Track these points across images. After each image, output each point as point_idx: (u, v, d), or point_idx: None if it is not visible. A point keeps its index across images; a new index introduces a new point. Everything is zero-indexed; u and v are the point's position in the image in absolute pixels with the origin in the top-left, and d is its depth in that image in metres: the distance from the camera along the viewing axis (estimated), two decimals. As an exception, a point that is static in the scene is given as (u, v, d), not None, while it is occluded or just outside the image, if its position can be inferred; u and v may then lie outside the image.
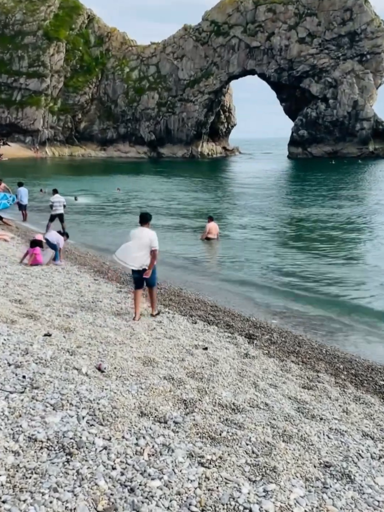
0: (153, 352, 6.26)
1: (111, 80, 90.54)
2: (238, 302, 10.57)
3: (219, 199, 30.27)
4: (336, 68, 75.19)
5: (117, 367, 5.35)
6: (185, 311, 9.06)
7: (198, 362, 6.08)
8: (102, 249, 16.19)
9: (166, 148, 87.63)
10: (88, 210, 25.09)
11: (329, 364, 7.06)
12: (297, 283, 12.06)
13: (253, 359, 6.67)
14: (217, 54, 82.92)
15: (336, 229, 19.55)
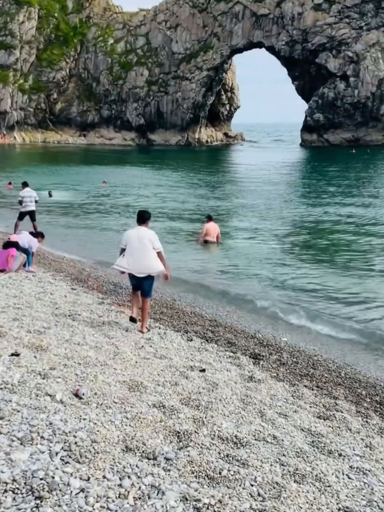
0: (141, 375, 6.25)
1: (92, 53, 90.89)
2: (242, 316, 10.57)
3: (219, 196, 30.37)
4: (359, 40, 75.69)
5: (98, 393, 5.33)
6: (179, 326, 9.07)
7: (194, 387, 6.07)
8: (81, 253, 16.19)
9: (157, 134, 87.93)
10: (65, 209, 25.09)
11: (349, 390, 7.06)
12: (310, 296, 12.09)
13: (259, 383, 6.67)
14: (217, 24, 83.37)
15: (357, 234, 19.64)
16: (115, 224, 21.06)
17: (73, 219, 22.22)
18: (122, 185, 34.07)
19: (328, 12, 76.82)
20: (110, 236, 18.65)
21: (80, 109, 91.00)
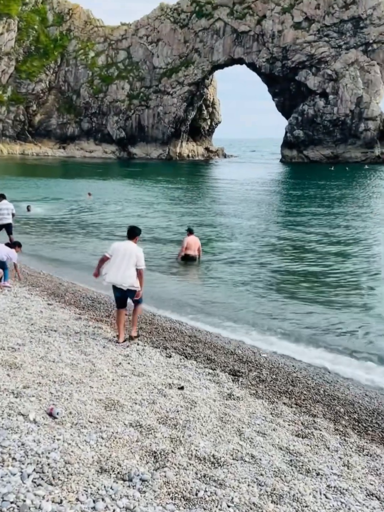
0: (118, 393, 6.18)
1: (72, 66, 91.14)
2: (222, 331, 10.57)
3: (199, 211, 30.48)
4: (338, 58, 77.34)
5: (72, 412, 5.26)
6: (157, 343, 9.02)
7: (172, 405, 6.03)
8: (58, 266, 16.04)
9: (138, 148, 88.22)
10: (43, 223, 24.86)
11: (328, 407, 7.09)
12: (290, 313, 12.16)
13: (238, 400, 6.65)
14: (199, 39, 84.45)
15: (332, 254, 19.85)
16: (95, 239, 20.96)
17: (50, 234, 22.01)
18: (103, 199, 33.96)
19: (307, 30, 78.42)
20: (89, 251, 18.54)
21: (60, 121, 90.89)
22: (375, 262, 17.82)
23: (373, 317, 11.87)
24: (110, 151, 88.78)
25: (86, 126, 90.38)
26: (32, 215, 26.35)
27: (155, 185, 44.41)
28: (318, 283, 14.65)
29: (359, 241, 21.21)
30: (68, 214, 27.60)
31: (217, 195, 39.17)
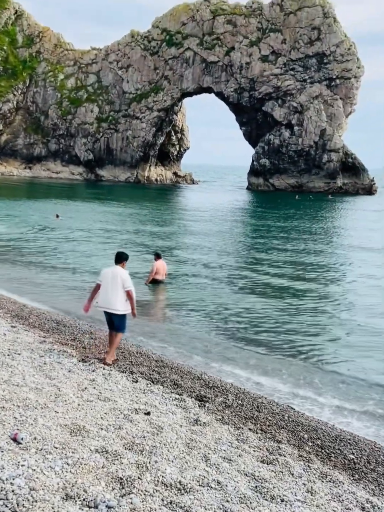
0: (84, 418, 6.11)
1: (41, 88, 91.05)
2: (188, 356, 10.58)
3: (167, 234, 30.60)
4: (303, 92, 79.85)
5: (37, 438, 5.17)
6: (124, 367, 8.95)
7: (138, 431, 5.99)
8: (23, 288, 15.80)
9: (106, 170, 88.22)
10: (6, 243, 24.48)
11: (292, 433, 7.16)
12: (256, 336, 12.29)
13: (205, 426, 6.66)
14: (168, 67, 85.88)
15: (299, 279, 20.22)
16: (59, 262, 20.74)
17: (12, 255, 21.61)
18: (70, 220, 33.64)
19: (274, 63, 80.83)
20: (53, 275, 18.33)
21: (27, 142, 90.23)
22: (336, 287, 18.23)
23: (336, 343, 12.11)
24: (77, 172, 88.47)
25: (53, 147, 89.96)
26: None
27: (123, 208, 44.39)
28: (280, 310, 14.86)
29: (324, 268, 21.68)
30: (32, 235, 27.25)
31: (183, 221, 39.43)
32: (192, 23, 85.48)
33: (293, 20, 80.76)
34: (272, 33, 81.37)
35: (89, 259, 21.25)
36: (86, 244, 25.05)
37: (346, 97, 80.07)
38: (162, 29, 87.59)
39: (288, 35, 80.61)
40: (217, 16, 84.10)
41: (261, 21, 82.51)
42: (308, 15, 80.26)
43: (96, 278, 9.38)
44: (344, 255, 25.90)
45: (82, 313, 13.46)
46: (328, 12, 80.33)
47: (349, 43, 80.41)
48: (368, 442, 7.37)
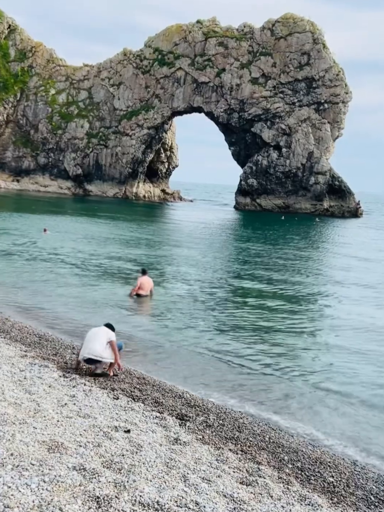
0: (62, 435, 6.03)
1: (32, 102, 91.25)
2: (171, 374, 10.52)
3: (153, 250, 30.60)
4: (291, 114, 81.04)
5: (14, 454, 5.09)
6: (105, 384, 8.88)
7: (117, 449, 5.93)
8: (5, 301, 15.64)
9: (94, 185, 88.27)
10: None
11: (272, 455, 7.13)
12: (240, 355, 12.27)
13: (185, 445, 6.60)
14: (160, 86, 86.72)
15: (282, 299, 20.32)
16: (45, 275, 20.60)
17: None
18: (58, 235, 33.45)
19: (264, 86, 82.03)
20: (39, 286, 18.19)
21: (16, 155, 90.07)
22: (319, 309, 18.32)
23: (320, 367, 12.13)
24: (66, 187, 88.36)
25: (42, 161, 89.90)
26: None
27: (111, 223, 44.35)
28: (265, 330, 14.88)
29: (309, 290, 21.80)
30: (20, 248, 27.03)
31: (170, 237, 39.49)
32: (184, 43, 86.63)
33: (284, 45, 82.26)
34: (263, 56, 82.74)
35: (76, 275, 21.14)
36: (74, 259, 24.93)
37: (334, 121, 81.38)
38: (154, 48, 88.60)
39: (278, 59, 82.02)
40: (209, 38, 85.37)
41: (252, 45, 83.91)
42: (298, 40, 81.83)
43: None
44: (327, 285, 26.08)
45: (64, 328, 13.38)
46: (318, 38, 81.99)
47: (337, 69, 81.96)
48: (348, 465, 7.36)
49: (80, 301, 16.46)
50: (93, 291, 17.97)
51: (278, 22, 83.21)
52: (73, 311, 15.23)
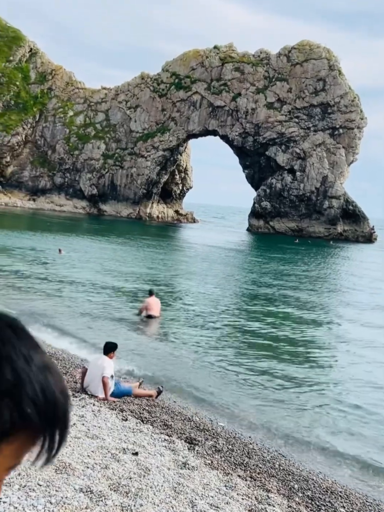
0: (70, 456, 5.98)
1: (50, 123, 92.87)
2: (180, 396, 10.43)
3: (164, 273, 30.63)
4: (306, 139, 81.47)
5: (21, 473, 5.06)
6: (114, 404, 8.82)
7: (125, 471, 5.86)
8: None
9: (109, 205, 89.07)
10: (5, 276, 24.44)
11: (282, 482, 6.99)
12: (250, 379, 12.14)
13: (193, 470, 6.51)
14: (176, 109, 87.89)
15: (298, 323, 20.16)
16: (56, 294, 20.68)
17: (12, 289, 21.50)
18: (72, 255, 33.56)
19: (279, 110, 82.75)
20: (52, 305, 18.26)
21: (33, 174, 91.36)
22: (337, 335, 18.12)
23: (333, 396, 11.96)
24: (81, 206, 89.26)
25: (58, 181, 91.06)
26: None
27: (125, 244, 44.58)
28: (276, 355, 14.74)
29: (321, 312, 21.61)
30: (35, 268, 27.17)
31: (182, 260, 39.55)
32: (201, 68, 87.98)
33: (299, 71, 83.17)
34: (279, 81, 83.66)
35: (89, 295, 21.20)
36: (87, 279, 25.02)
37: (348, 146, 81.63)
38: (171, 72, 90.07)
39: (294, 84, 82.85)
40: (225, 63, 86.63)
41: (268, 70, 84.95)
42: (314, 66, 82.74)
43: (85, 363, 10.42)
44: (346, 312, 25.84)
45: (75, 347, 13.37)
46: (334, 65, 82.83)
47: (353, 95, 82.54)
48: (359, 496, 7.19)
49: (92, 320, 16.47)
50: (105, 311, 17.98)
51: (295, 48, 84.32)
52: (84, 330, 15.24)
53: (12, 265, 26.65)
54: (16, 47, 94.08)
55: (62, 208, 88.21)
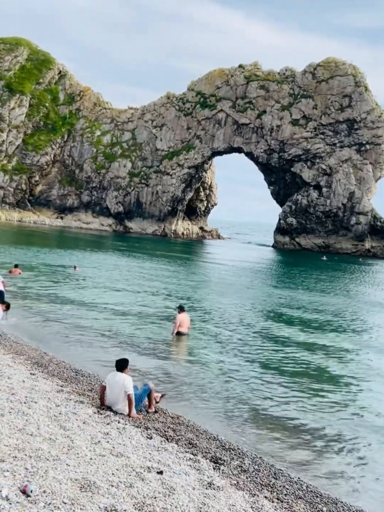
0: (95, 473, 5.96)
1: (78, 142, 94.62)
2: (206, 415, 10.33)
3: (191, 287, 30.61)
4: (332, 155, 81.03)
5: (47, 491, 5.05)
6: (139, 422, 8.78)
7: (149, 490, 5.80)
8: (44, 336, 15.86)
9: (134, 223, 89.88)
10: (25, 292, 24.81)
11: (310, 505, 6.83)
12: (276, 400, 11.97)
13: (218, 490, 6.41)
14: (201, 127, 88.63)
15: (328, 346, 19.85)
16: (81, 309, 20.83)
17: (30, 303, 21.80)
18: (94, 272, 33.93)
19: (304, 127, 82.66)
20: (76, 320, 18.39)
21: (61, 193, 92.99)
22: (365, 353, 17.77)
23: (365, 421, 11.69)
24: (107, 224, 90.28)
25: (85, 199, 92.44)
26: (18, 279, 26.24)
27: (149, 260, 44.78)
28: (305, 375, 14.51)
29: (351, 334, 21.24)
30: (56, 285, 27.47)
31: (208, 278, 39.47)
32: (226, 87, 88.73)
33: (325, 88, 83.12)
34: (304, 98, 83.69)
35: (114, 311, 21.29)
36: (112, 296, 25.16)
37: (375, 162, 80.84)
38: (197, 91, 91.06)
39: (320, 101, 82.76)
40: (250, 82, 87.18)
41: (293, 87, 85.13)
42: (340, 83, 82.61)
43: (102, 380, 10.51)
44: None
45: (101, 363, 13.40)
46: (360, 81, 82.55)
47: (380, 111, 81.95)
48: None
49: (117, 336, 16.51)
50: (131, 327, 18.02)
51: (320, 66, 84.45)
52: (109, 347, 15.28)
53: (40, 281, 27.02)
54: (45, 69, 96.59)
55: (89, 226, 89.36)
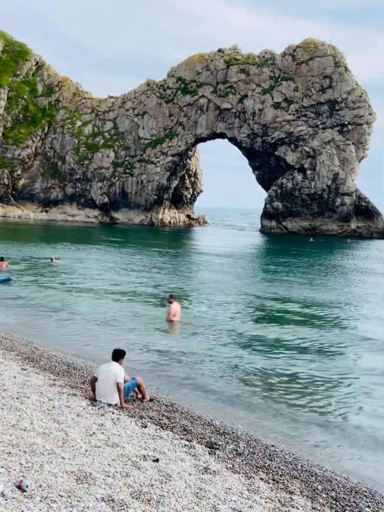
0: (91, 465, 5.98)
1: (59, 134, 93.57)
2: (199, 401, 10.39)
3: (179, 278, 30.62)
4: (315, 137, 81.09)
5: (42, 485, 5.06)
6: (133, 411, 8.81)
7: (146, 479, 5.84)
8: (33, 332, 15.80)
9: (121, 213, 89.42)
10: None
11: (305, 484, 6.91)
12: (269, 382, 12.06)
13: (214, 475, 6.46)
14: (183, 114, 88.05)
15: (322, 326, 20.00)
16: (72, 302, 20.77)
17: (12, 299, 21.61)
18: (77, 263, 33.72)
19: (287, 110, 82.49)
20: (67, 314, 18.34)
21: (44, 186, 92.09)
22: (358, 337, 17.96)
23: (356, 397, 11.83)
24: (93, 215, 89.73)
25: (70, 191, 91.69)
26: None
27: (138, 251, 44.67)
28: (298, 357, 14.63)
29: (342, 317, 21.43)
30: (43, 278, 27.34)
31: (198, 261, 39.51)
32: (207, 72, 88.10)
33: (305, 69, 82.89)
34: (285, 81, 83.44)
35: (105, 303, 21.26)
36: (103, 287, 25.11)
37: (358, 142, 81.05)
38: (177, 78, 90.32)
39: (300, 83, 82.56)
40: (230, 66, 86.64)
41: (273, 70, 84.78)
42: (320, 64, 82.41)
43: (94, 371, 10.18)
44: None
45: (93, 356, 13.40)
46: (339, 62, 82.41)
47: (360, 91, 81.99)
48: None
49: (107, 327, 16.51)
50: (121, 318, 18.01)
51: (299, 47, 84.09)
52: (100, 338, 15.27)
53: (29, 273, 26.87)
54: (22, 61, 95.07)
55: (74, 218, 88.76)
